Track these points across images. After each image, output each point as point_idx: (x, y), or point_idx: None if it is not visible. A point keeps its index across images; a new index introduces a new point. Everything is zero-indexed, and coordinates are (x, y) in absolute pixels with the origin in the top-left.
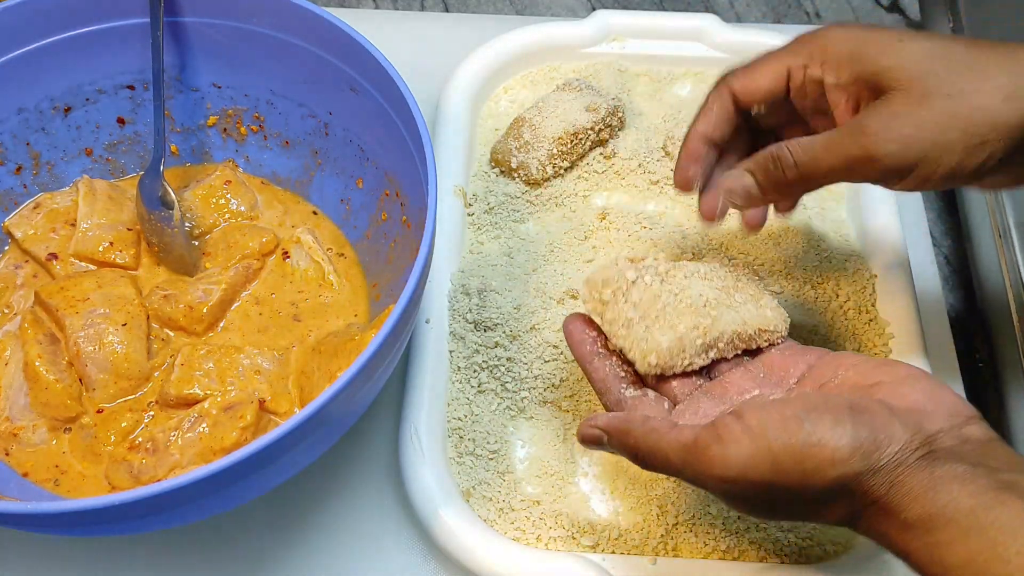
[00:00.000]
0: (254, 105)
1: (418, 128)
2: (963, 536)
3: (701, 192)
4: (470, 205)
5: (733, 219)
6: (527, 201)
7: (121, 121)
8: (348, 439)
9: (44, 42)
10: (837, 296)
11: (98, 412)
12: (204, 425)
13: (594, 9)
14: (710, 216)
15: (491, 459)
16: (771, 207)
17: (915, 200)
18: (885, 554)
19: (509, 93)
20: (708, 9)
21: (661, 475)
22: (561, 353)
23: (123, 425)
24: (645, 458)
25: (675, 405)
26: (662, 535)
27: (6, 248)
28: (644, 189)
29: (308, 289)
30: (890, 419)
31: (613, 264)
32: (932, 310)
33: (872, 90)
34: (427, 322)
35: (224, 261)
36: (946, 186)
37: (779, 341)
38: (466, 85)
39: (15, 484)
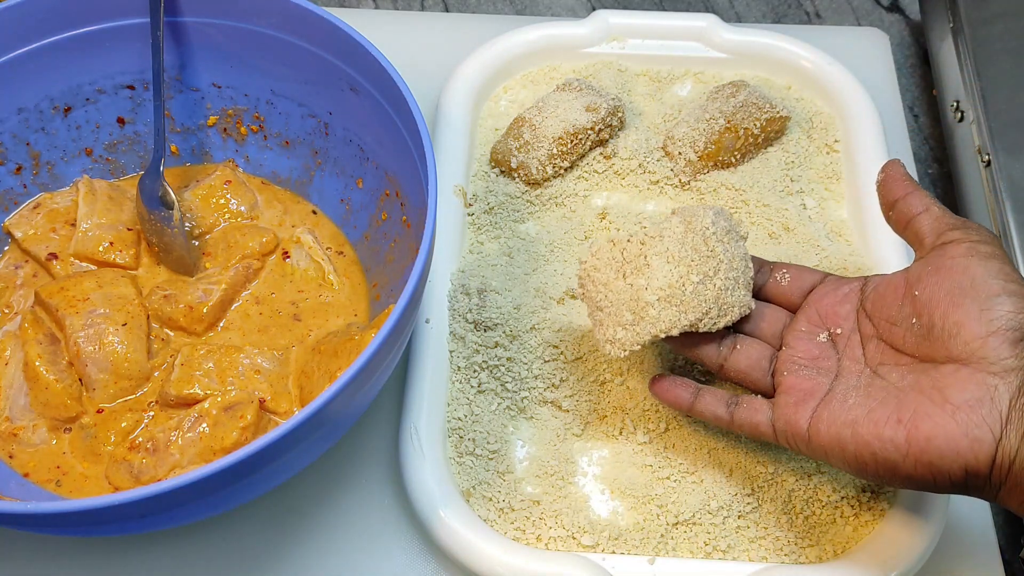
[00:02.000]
0: (254, 105)
1: (418, 128)
2: None
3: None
4: (470, 205)
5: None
6: (527, 201)
7: (121, 121)
8: (348, 439)
9: (44, 42)
10: None
11: (98, 412)
12: (204, 425)
13: (594, 9)
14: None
15: (491, 459)
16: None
17: None
18: (885, 554)
19: (509, 93)
20: (708, 9)
21: (661, 475)
22: (561, 353)
23: (123, 425)
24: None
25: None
26: (662, 535)
27: (6, 248)
28: (644, 189)
29: (308, 289)
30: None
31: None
32: None
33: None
34: (427, 322)
35: (224, 261)
36: None
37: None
38: (466, 85)
39: (15, 484)
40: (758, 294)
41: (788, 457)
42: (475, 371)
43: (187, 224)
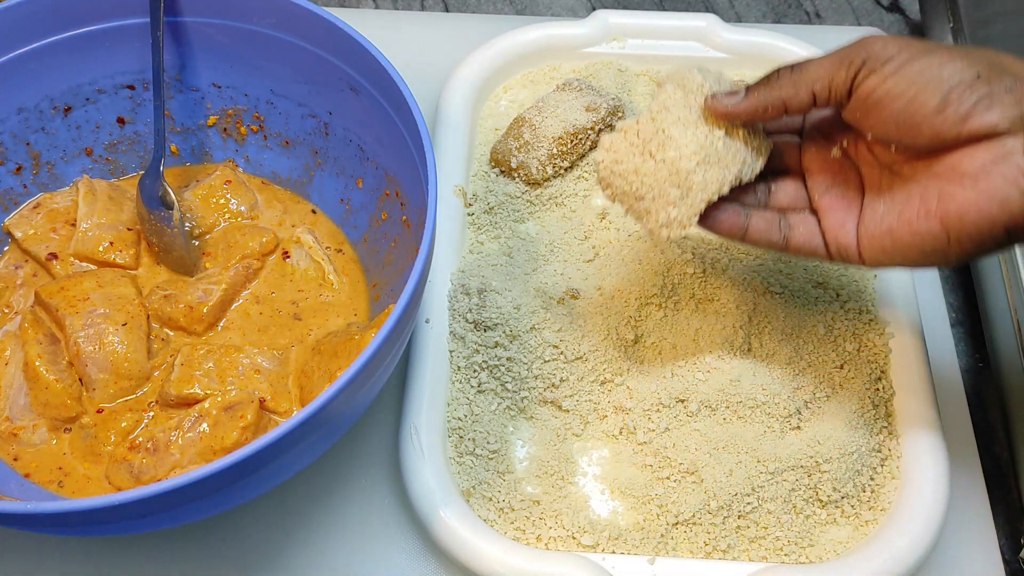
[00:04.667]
0: (254, 105)
1: (418, 128)
2: None
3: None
4: (470, 205)
5: None
6: (527, 201)
7: (121, 121)
8: (348, 439)
9: (44, 42)
10: (837, 296)
11: (98, 412)
12: (204, 425)
13: (594, 9)
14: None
15: (491, 459)
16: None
17: None
18: (885, 554)
19: (509, 93)
20: (708, 9)
21: (661, 475)
22: (561, 353)
23: (123, 425)
24: None
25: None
26: (662, 535)
27: (6, 248)
28: None
29: (308, 288)
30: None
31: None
32: (932, 310)
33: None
34: (427, 322)
35: (224, 261)
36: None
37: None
38: (466, 85)
39: (16, 484)
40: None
41: (788, 455)
42: (475, 371)
43: (187, 224)
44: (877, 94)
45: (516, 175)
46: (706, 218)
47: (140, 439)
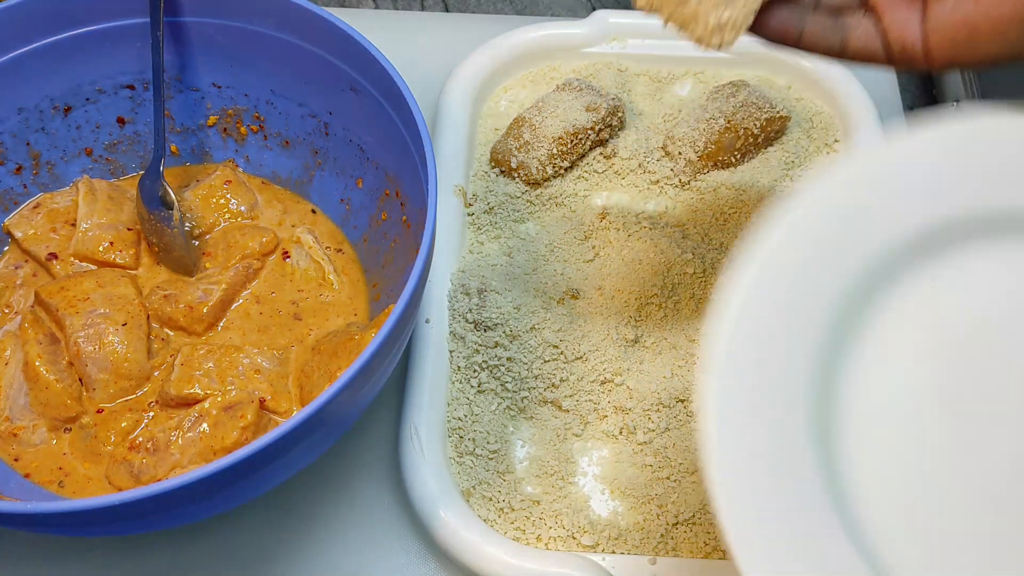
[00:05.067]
0: (254, 105)
1: (418, 128)
2: None
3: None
4: (470, 205)
5: (734, 219)
6: (527, 201)
7: (121, 121)
8: (348, 439)
9: (44, 42)
10: None
11: (98, 412)
12: (204, 425)
13: (594, 9)
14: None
15: (491, 459)
16: None
17: None
18: None
19: (509, 93)
20: None
21: (661, 475)
22: (561, 353)
23: (123, 425)
24: None
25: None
26: (662, 535)
27: (6, 248)
28: (644, 189)
29: (308, 288)
30: None
31: None
32: None
33: None
34: (427, 322)
35: (224, 261)
36: None
37: None
38: (466, 85)
39: (16, 484)
40: None
41: None
42: (475, 371)
43: (187, 224)
44: None
45: (516, 175)
46: (756, 22)
47: (140, 439)
